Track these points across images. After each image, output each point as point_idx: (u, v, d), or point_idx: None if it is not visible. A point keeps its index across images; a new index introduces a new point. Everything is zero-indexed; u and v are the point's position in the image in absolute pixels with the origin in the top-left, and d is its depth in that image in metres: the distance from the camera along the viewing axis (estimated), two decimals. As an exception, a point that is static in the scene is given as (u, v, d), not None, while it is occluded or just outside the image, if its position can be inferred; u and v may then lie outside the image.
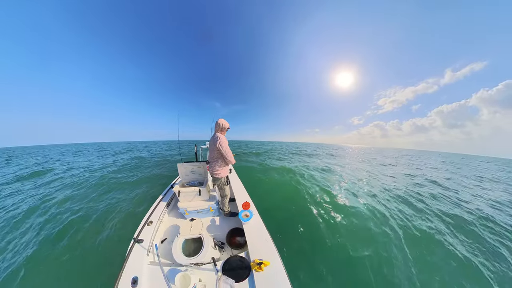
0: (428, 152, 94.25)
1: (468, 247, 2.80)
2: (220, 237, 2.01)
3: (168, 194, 2.66)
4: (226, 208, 2.34)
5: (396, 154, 28.39)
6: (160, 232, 2.06)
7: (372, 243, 2.72)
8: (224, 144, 2.04)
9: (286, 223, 3.21)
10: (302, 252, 2.50)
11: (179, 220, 2.34)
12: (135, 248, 1.57)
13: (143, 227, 1.84)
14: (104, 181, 5.82)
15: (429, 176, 8.17)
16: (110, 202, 4.06)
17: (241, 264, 1.39)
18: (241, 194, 2.57)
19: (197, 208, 2.25)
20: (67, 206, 3.86)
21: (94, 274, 2.12)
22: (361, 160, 14.51)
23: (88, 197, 4.41)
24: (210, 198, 2.41)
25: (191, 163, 2.66)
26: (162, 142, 67.25)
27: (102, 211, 3.62)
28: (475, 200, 5.05)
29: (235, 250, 1.80)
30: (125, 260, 1.42)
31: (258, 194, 4.24)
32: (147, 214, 2.09)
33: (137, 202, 4.06)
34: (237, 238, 1.85)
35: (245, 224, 1.82)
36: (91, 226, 3.09)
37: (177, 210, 2.39)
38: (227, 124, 2.20)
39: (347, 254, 2.48)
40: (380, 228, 3.13)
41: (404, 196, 4.91)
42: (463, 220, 3.62)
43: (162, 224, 2.20)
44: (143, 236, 1.73)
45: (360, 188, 5.53)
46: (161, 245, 1.90)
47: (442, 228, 3.28)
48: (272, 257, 1.41)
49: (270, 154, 14.61)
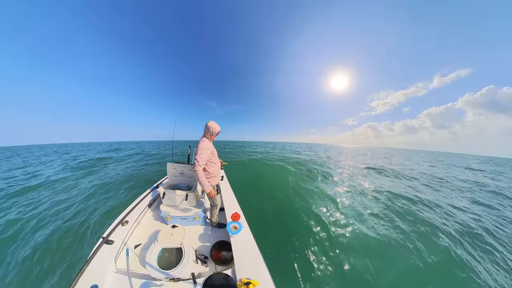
0: (417, 151, 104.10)
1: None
2: (204, 250, 1.78)
3: (151, 194, 2.42)
4: (215, 219, 2.13)
5: (390, 152, 31.03)
6: (135, 235, 1.79)
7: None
8: (200, 148, 1.79)
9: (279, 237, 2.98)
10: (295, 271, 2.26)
11: (159, 224, 2.08)
12: (102, 250, 1.33)
13: (116, 226, 1.60)
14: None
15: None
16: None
17: (225, 283, 1.19)
18: (231, 203, 2.40)
19: (182, 214, 2.03)
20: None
21: (45, 274, 1.79)
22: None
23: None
24: (197, 205, 2.22)
25: (182, 164, 2.51)
26: (156, 142, 64.81)
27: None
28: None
29: (219, 267, 1.58)
30: (86, 262, 1.18)
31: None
32: (124, 213, 1.83)
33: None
34: (223, 253, 1.65)
35: (232, 238, 1.63)
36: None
37: (159, 214, 2.14)
38: (218, 128, 1.96)
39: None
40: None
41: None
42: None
43: (139, 227, 1.93)
44: (114, 236, 1.49)
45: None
46: (134, 250, 1.63)
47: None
48: (262, 276, 1.23)
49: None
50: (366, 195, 5.24)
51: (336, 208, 4.20)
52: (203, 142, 1.88)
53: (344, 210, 4.08)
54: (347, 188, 5.83)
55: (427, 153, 69.75)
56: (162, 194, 2.08)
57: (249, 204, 3.95)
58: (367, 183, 6.65)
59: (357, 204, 4.48)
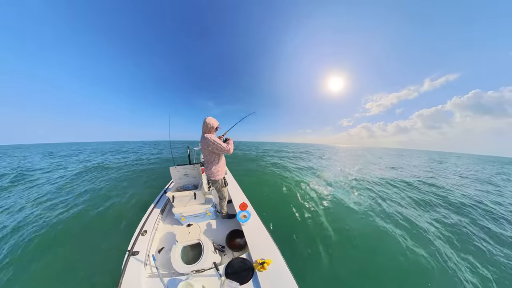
0: (410, 150, 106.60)
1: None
2: (220, 240, 1.99)
3: (161, 200, 2.55)
4: (224, 211, 2.31)
5: (384, 153, 31.07)
6: (156, 242, 1.98)
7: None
8: (213, 139, 1.86)
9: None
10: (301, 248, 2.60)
11: (175, 226, 2.27)
12: (131, 261, 1.49)
13: (137, 237, 1.75)
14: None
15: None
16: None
17: (243, 266, 1.39)
18: (237, 195, 2.56)
19: (194, 212, 2.18)
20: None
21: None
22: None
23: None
24: (206, 201, 2.36)
25: (184, 165, 2.57)
26: (151, 143, 63.32)
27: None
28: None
29: (236, 253, 1.80)
30: (121, 276, 1.34)
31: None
32: (141, 223, 1.98)
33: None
34: (237, 240, 1.84)
35: (243, 225, 1.82)
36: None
37: (173, 217, 2.30)
38: (216, 123, 1.96)
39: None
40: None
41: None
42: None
43: (158, 233, 2.11)
44: (138, 247, 1.64)
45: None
46: (159, 255, 1.83)
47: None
48: (274, 255, 1.44)
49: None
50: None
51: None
52: (211, 136, 1.90)
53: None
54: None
55: (422, 152, 69.45)
56: (171, 198, 2.19)
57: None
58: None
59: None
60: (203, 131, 1.97)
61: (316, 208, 3.87)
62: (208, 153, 1.98)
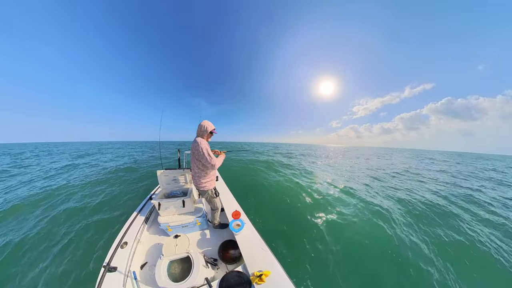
0: (394, 149, 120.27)
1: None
2: (212, 253, 1.82)
3: (146, 208, 2.31)
4: (216, 221, 2.14)
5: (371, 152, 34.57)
6: (138, 255, 1.73)
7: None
8: (204, 147, 1.72)
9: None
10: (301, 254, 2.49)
11: (161, 238, 2.04)
12: (107, 279, 1.26)
13: (116, 250, 1.51)
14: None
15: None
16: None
17: (239, 280, 1.26)
18: (230, 202, 2.43)
19: (182, 222, 2.00)
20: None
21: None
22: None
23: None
24: (196, 210, 2.19)
25: (173, 170, 2.42)
26: (140, 143, 59.03)
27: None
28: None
29: (230, 265, 1.65)
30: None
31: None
32: (120, 234, 1.72)
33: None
34: (231, 252, 1.70)
35: (237, 235, 1.69)
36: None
37: (158, 226, 2.08)
38: (211, 127, 1.83)
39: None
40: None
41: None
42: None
43: (140, 245, 1.86)
44: (116, 262, 1.41)
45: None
46: (141, 271, 1.59)
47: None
48: (272, 266, 1.33)
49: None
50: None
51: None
52: (202, 141, 1.77)
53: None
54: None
55: (404, 150, 78.79)
56: (157, 205, 1.99)
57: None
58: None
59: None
60: (196, 133, 1.87)
61: (323, 208, 3.73)
62: (196, 160, 1.83)
